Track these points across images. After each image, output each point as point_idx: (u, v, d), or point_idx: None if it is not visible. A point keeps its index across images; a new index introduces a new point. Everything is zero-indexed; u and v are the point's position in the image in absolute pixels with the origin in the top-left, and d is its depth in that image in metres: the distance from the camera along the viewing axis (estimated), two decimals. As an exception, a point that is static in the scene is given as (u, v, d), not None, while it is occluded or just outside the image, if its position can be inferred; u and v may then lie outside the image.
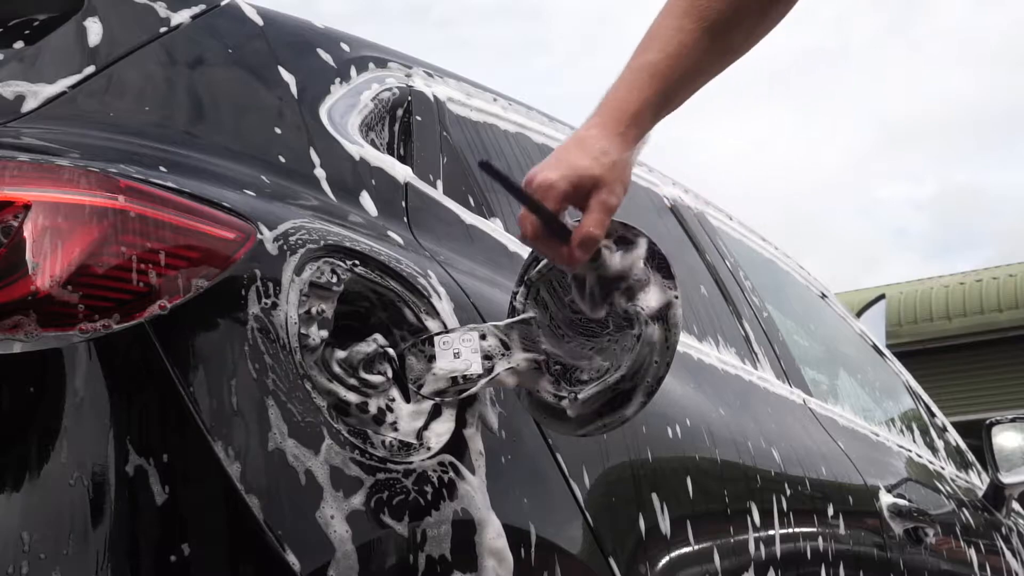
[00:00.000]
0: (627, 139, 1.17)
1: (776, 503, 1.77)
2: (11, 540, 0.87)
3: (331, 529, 1.00)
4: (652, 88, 1.18)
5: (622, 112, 1.17)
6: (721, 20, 1.20)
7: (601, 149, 1.15)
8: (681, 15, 1.19)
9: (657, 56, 1.18)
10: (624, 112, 1.17)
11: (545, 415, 1.25)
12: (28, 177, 0.98)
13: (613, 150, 1.15)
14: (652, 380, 1.20)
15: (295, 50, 1.43)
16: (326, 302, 1.09)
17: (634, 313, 1.19)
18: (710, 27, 1.19)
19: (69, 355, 0.93)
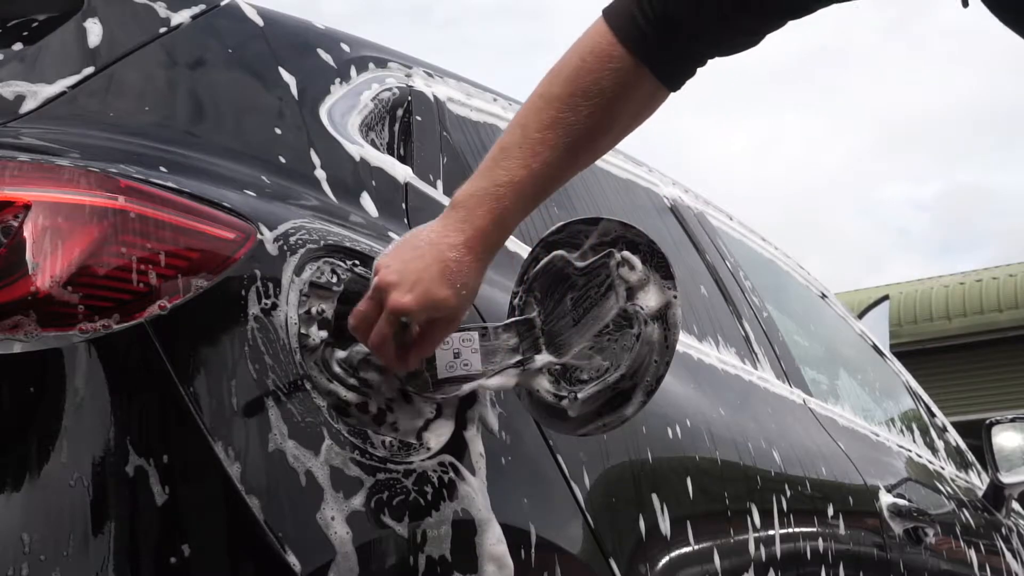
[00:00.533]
0: (486, 264, 1.14)
1: (776, 503, 1.77)
2: (11, 541, 0.87)
3: (332, 530, 1.00)
4: (518, 206, 1.14)
5: (489, 235, 1.12)
6: (589, 134, 1.17)
7: (463, 280, 1.11)
8: (544, 128, 1.15)
9: (521, 173, 1.13)
10: (491, 235, 1.13)
11: (545, 415, 1.25)
12: (28, 177, 0.98)
13: (474, 280, 1.12)
14: (652, 380, 1.20)
15: (295, 50, 1.43)
16: (326, 302, 1.09)
17: (633, 313, 1.19)
18: (576, 141, 1.16)
19: (69, 355, 0.93)
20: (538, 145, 1.14)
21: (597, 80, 1.15)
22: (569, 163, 1.18)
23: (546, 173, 1.15)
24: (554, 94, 1.15)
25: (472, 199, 1.13)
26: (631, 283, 1.20)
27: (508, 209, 1.13)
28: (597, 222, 1.26)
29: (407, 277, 1.08)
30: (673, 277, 1.20)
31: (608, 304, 1.21)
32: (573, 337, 1.22)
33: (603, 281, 1.22)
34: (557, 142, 1.14)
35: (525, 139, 1.14)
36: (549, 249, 1.27)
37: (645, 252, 1.22)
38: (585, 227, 1.26)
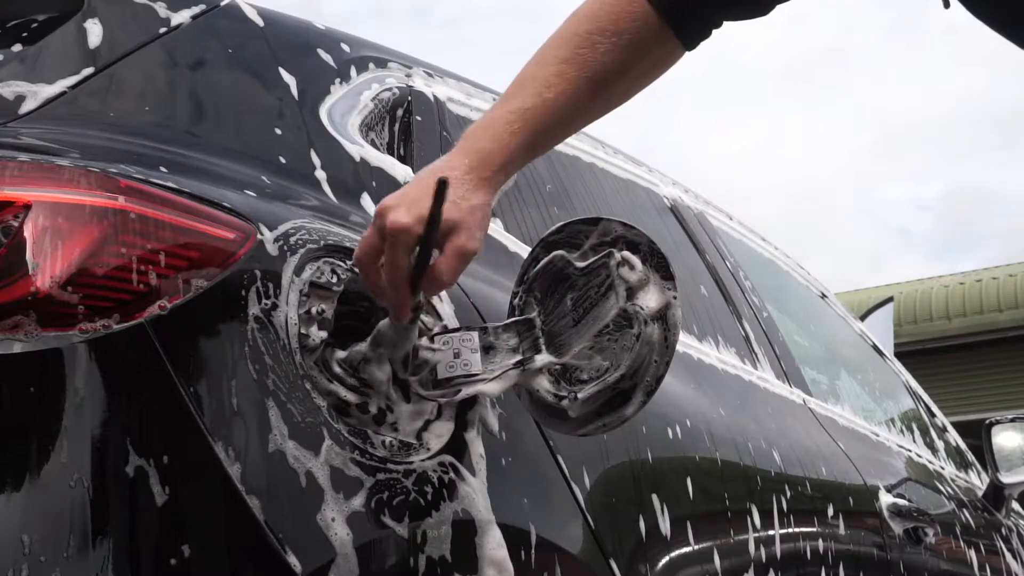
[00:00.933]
0: (492, 184, 1.14)
1: (776, 503, 1.77)
2: (11, 542, 0.87)
3: (332, 530, 1.00)
4: (525, 134, 1.14)
5: (492, 156, 1.12)
6: (605, 73, 1.18)
7: (461, 193, 1.10)
8: (560, 62, 1.16)
9: (534, 101, 1.14)
10: (494, 156, 1.13)
11: (545, 415, 1.25)
12: (28, 177, 0.98)
13: (475, 195, 1.11)
14: (652, 380, 1.20)
15: (295, 50, 1.43)
16: (326, 302, 1.09)
17: (633, 313, 1.19)
18: (592, 77, 1.17)
19: (69, 355, 0.93)
20: (553, 77, 1.15)
21: (616, 21, 1.17)
22: (583, 101, 1.18)
23: (558, 106, 1.15)
24: (572, 31, 1.17)
25: (480, 126, 1.15)
26: (631, 283, 1.20)
27: (515, 134, 1.14)
28: (597, 222, 1.26)
29: (405, 199, 1.08)
30: (673, 278, 1.20)
31: (608, 304, 1.21)
32: (573, 337, 1.22)
33: (603, 281, 1.22)
34: (573, 76, 1.15)
35: (540, 71, 1.16)
36: (549, 249, 1.27)
37: (645, 252, 1.22)
38: (585, 227, 1.26)
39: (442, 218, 1.07)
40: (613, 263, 1.21)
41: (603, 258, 1.22)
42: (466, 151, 1.13)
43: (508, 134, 1.14)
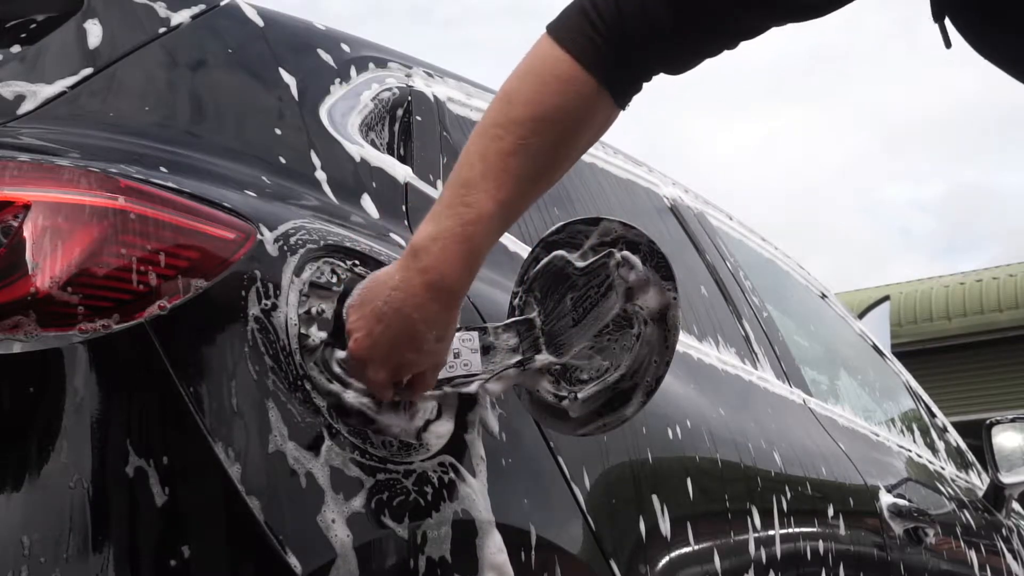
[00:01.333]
0: (458, 305, 1.10)
1: (776, 503, 1.77)
2: (11, 543, 0.87)
3: (332, 531, 0.99)
4: (484, 244, 1.09)
5: (458, 282, 1.08)
6: (554, 159, 1.12)
7: (436, 333, 1.07)
8: (507, 156, 1.08)
9: (490, 208, 1.07)
10: (460, 281, 1.08)
11: (545, 415, 1.25)
12: (28, 177, 0.98)
13: (447, 327, 1.09)
14: (652, 380, 1.20)
15: (295, 50, 1.43)
16: (326, 302, 1.09)
17: (633, 313, 1.19)
18: (540, 168, 1.11)
19: (69, 355, 0.93)
20: (503, 175, 1.07)
21: (561, 105, 1.10)
22: (535, 191, 1.13)
23: (513, 204, 1.10)
24: (514, 119, 1.09)
25: (437, 243, 1.06)
26: (631, 283, 1.20)
27: (478, 247, 1.08)
28: (597, 222, 1.26)
29: (378, 351, 1.06)
30: (673, 278, 1.20)
31: (608, 304, 1.21)
32: (573, 337, 1.22)
33: (603, 281, 1.22)
34: (522, 170, 1.08)
35: (488, 170, 1.07)
36: (549, 249, 1.27)
37: (645, 252, 1.22)
38: (585, 227, 1.26)
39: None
40: (613, 263, 1.21)
41: (603, 258, 1.22)
42: (427, 278, 1.06)
43: (471, 249, 1.07)
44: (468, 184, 1.07)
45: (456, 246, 1.06)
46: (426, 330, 1.06)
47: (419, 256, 1.07)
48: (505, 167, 1.07)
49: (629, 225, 1.24)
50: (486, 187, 1.07)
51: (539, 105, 1.10)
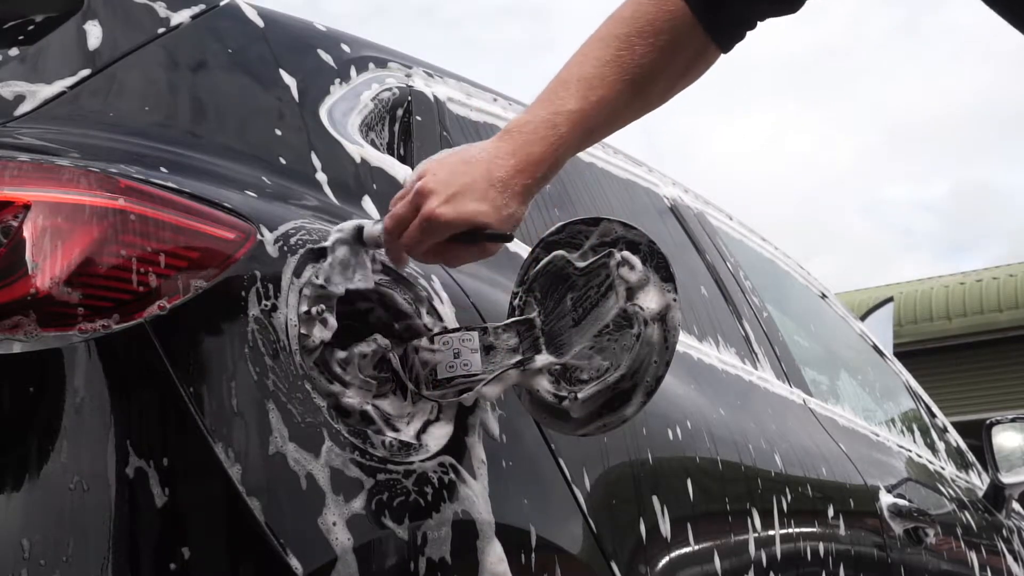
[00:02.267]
0: (531, 194, 1.16)
1: (776, 504, 1.77)
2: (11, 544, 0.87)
3: (333, 532, 0.99)
4: (571, 136, 1.16)
5: (539, 161, 1.14)
6: (644, 75, 1.19)
7: (506, 201, 1.13)
8: (602, 64, 1.17)
9: (579, 104, 1.16)
10: (541, 161, 1.15)
11: (545, 415, 1.25)
12: (28, 177, 0.98)
13: (515, 204, 1.14)
14: (651, 380, 1.20)
15: (295, 50, 1.43)
16: (326, 302, 1.09)
17: (633, 313, 1.19)
18: (632, 80, 1.18)
19: (69, 355, 0.93)
20: (595, 80, 1.16)
21: (652, 23, 1.18)
22: (624, 103, 1.19)
23: (601, 109, 1.17)
24: (612, 33, 1.18)
25: (528, 125, 1.15)
26: (631, 283, 1.20)
27: (563, 138, 1.15)
28: (598, 222, 1.26)
29: (449, 187, 1.11)
30: (673, 279, 1.20)
31: (608, 304, 1.21)
32: (573, 337, 1.22)
33: (603, 281, 1.22)
34: (614, 79, 1.16)
35: (583, 74, 1.17)
36: (549, 249, 1.27)
37: (645, 252, 1.22)
38: (585, 227, 1.26)
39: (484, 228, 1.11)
40: (613, 263, 1.21)
41: (603, 258, 1.22)
42: (513, 151, 1.13)
43: (555, 137, 1.14)
44: (564, 82, 1.17)
45: (544, 131, 1.14)
46: (501, 191, 1.12)
47: (512, 134, 1.15)
48: (599, 74, 1.16)
49: (629, 225, 1.24)
50: (578, 88, 1.16)
51: (633, 23, 1.18)
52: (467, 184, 1.11)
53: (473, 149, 1.15)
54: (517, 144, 1.14)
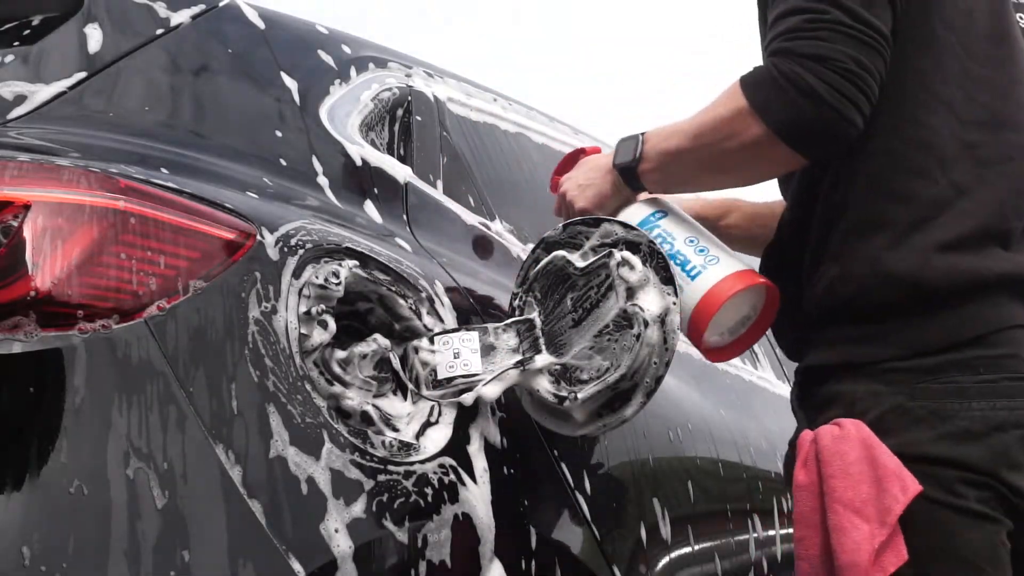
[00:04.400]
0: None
1: (776, 504, 1.77)
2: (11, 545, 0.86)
3: (334, 535, 0.99)
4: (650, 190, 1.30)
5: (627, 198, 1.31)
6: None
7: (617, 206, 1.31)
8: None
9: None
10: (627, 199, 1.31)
11: (545, 415, 1.25)
12: (28, 177, 0.97)
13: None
14: (651, 380, 1.20)
15: (295, 51, 1.43)
16: (326, 302, 1.09)
17: (633, 313, 1.19)
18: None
19: (69, 355, 0.93)
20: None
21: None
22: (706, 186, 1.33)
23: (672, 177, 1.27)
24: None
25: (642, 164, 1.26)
26: (631, 283, 1.20)
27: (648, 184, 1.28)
28: (598, 223, 1.26)
29: (582, 193, 1.32)
30: (673, 282, 1.20)
31: (608, 304, 1.21)
32: (573, 337, 1.22)
33: (603, 281, 1.22)
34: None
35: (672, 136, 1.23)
36: (549, 250, 1.27)
37: (645, 253, 1.22)
38: (586, 228, 1.26)
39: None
40: (613, 263, 1.21)
41: (603, 258, 1.22)
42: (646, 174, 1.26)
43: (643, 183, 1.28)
44: (669, 137, 1.24)
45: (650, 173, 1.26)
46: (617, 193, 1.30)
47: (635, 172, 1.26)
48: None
49: (629, 226, 1.24)
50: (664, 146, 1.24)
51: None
52: (598, 180, 1.33)
53: (600, 160, 1.36)
54: (658, 162, 1.29)
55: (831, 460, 1.09)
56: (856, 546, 1.06)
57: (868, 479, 1.07)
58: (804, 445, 1.13)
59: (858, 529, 1.06)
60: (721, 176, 1.23)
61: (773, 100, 1.10)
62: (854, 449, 1.08)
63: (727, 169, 1.20)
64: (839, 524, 1.07)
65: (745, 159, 1.16)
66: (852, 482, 1.07)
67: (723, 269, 1.22)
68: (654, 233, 1.26)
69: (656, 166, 1.23)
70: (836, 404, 1.15)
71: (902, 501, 1.05)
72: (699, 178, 1.24)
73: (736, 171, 1.20)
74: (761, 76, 1.13)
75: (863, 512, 1.06)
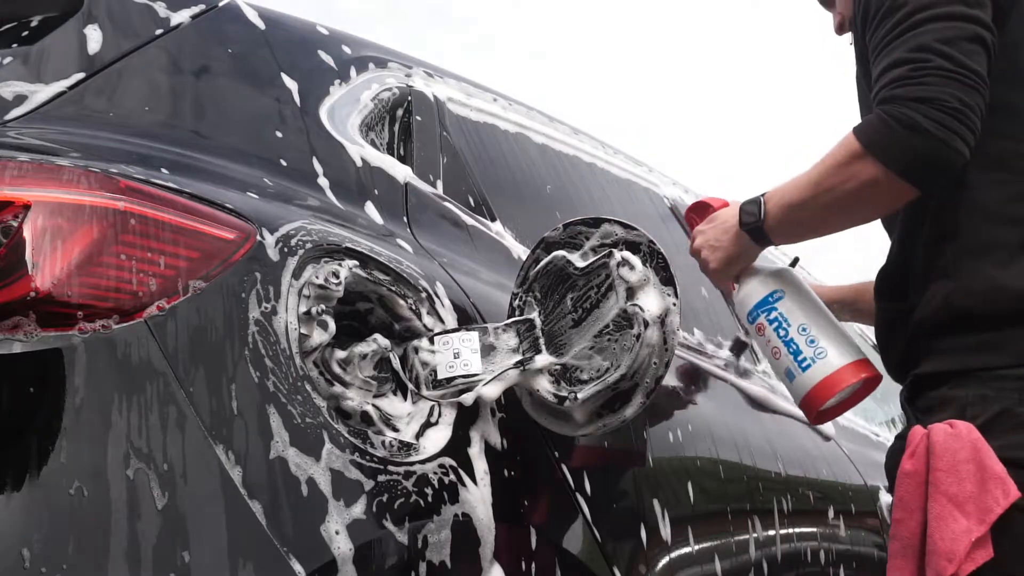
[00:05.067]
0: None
1: (777, 504, 1.77)
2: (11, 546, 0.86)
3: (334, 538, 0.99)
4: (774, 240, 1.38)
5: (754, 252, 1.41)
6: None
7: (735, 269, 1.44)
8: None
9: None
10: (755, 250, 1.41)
11: (545, 415, 1.25)
12: (28, 177, 0.97)
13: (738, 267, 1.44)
14: (651, 381, 1.20)
15: (296, 51, 1.43)
16: (326, 302, 1.09)
17: (633, 313, 1.19)
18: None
19: (69, 355, 0.93)
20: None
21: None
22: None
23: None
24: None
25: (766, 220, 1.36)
26: (631, 283, 1.20)
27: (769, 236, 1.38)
28: (598, 223, 1.26)
29: (714, 255, 1.43)
30: (673, 282, 1.21)
31: (608, 304, 1.21)
32: (573, 337, 1.22)
33: (603, 281, 1.22)
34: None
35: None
36: (549, 250, 1.27)
37: (645, 253, 1.22)
38: (586, 228, 1.26)
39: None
40: (613, 263, 1.21)
41: (603, 258, 1.22)
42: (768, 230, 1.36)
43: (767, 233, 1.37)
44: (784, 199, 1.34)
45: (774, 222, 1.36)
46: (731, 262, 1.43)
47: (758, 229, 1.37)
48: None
49: (630, 226, 1.24)
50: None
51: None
52: (724, 237, 1.43)
53: (729, 217, 1.44)
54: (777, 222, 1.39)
55: (942, 455, 1.17)
56: (955, 536, 1.14)
57: (973, 478, 1.15)
58: (915, 438, 1.21)
59: (958, 522, 1.14)
60: (841, 217, 1.32)
61: (886, 140, 1.21)
62: (964, 448, 1.16)
63: (846, 210, 1.30)
64: (940, 514, 1.15)
65: (863, 198, 1.26)
66: (958, 478, 1.15)
67: (828, 365, 1.37)
68: (771, 316, 1.42)
69: (781, 220, 1.34)
70: (948, 407, 1.23)
71: (1003, 504, 1.13)
72: (822, 223, 1.34)
73: (854, 211, 1.30)
74: (872, 121, 1.23)
75: (964, 508, 1.15)
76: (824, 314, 1.43)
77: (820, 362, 1.37)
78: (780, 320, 1.40)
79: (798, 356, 1.38)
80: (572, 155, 1.96)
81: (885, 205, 1.30)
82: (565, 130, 2.00)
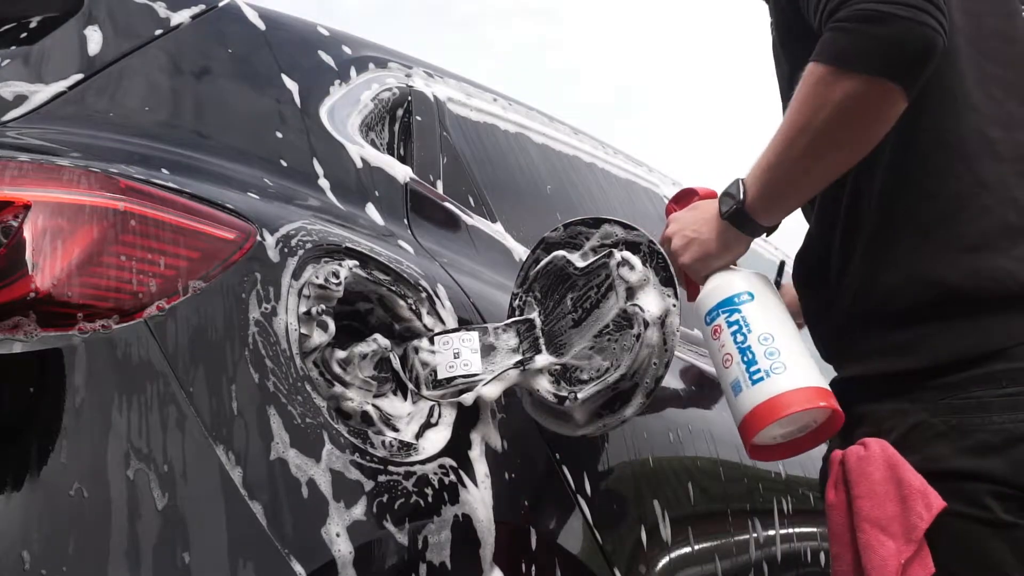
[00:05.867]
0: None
1: (777, 504, 1.77)
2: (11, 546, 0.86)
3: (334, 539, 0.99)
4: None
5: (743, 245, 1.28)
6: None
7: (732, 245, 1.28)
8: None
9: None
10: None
11: (545, 415, 1.25)
12: (29, 177, 0.97)
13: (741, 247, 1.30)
14: (651, 381, 1.20)
15: (295, 51, 1.43)
16: (326, 302, 1.09)
17: (633, 313, 1.19)
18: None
19: (69, 355, 0.93)
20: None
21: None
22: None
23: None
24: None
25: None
26: (631, 283, 1.20)
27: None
28: (598, 224, 1.26)
29: (686, 234, 1.26)
30: (673, 283, 1.21)
31: (608, 304, 1.21)
32: (573, 337, 1.22)
33: (603, 281, 1.22)
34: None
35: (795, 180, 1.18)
36: (549, 250, 1.27)
37: (645, 253, 1.22)
38: (586, 228, 1.26)
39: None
40: (613, 263, 1.21)
41: (603, 258, 1.22)
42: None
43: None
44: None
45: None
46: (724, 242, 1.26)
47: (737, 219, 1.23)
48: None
49: (630, 226, 1.24)
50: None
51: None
52: (705, 232, 1.27)
53: (709, 208, 1.27)
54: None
55: (858, 481, 1.13)
56: (883, 562, 1.10)
57: (894, 498, 1.11)
58: (834, 465, 1.17)
59: (884, 546, 1.10)
60: (829, 157, 1.13)
61: (849, 43, 1.06)
62: (879, 469, 1.12)
63: (833, 144, 1.12)
64: (867, 542, 1.11)
65: (845, 121, 1.09)
66: (878, 501, 1.11)
67: (785, 382, 1.15)
68: (732, 318, 1.20)
69: (762, 189, 1.18)
70: (865, 423, 1.18)
71: (926, 519, 1.09)
72: (809, 172, 1.15)
73: (842, 143, 1.12)
74: (827, 38, 1.09)
75: (889, 530, 1.11)
76: (793, 330, 1.21)
77: (775, 377, 1.14)
78: (741, 324, 1.19)
79: (751, 367, 1.16)
80: (572, 155, 1.96)
81: (873, 120, 1.10)
82: (565, 130, 2.00)
